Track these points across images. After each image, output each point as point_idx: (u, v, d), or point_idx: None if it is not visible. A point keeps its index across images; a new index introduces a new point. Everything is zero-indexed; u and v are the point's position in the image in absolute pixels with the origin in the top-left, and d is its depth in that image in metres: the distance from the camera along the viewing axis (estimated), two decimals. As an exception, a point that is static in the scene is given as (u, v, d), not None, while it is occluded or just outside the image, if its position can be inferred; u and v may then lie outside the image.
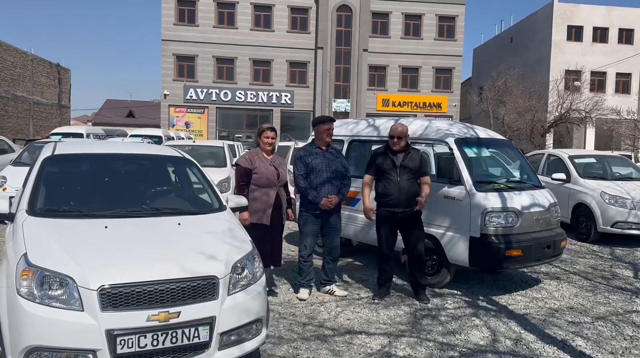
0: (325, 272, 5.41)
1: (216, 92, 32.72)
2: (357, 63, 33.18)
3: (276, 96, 33.31)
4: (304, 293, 5.23)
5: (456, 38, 34.48)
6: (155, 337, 2.89)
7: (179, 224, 3.65)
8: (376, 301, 5.16)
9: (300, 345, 4.04)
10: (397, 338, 4.24)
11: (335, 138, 6.24)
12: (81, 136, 17.99)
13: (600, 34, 34.09)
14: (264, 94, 33.17)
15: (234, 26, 32.70)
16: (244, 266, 3.39)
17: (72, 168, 4.37)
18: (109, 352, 2.80)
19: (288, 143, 13.51)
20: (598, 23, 33.94)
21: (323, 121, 5.32)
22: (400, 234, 5.28)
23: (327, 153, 5.30)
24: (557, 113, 26.51)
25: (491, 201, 5.26)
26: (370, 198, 5.32)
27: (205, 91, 32.62)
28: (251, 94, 33.06)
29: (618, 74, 34.12)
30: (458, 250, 5.37)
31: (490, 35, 69.66)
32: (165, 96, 32.54)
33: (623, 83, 34.52)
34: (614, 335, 4.47)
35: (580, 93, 27.31)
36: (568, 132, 29.20)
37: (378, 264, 5.41)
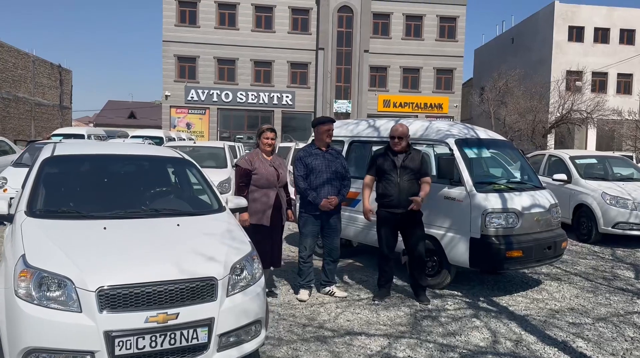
0: (325, 273, 5.40)
1: (217, 93, 32.75)
2: (358, 64, 33.18)
3: (277, 96, 33.34)
4: (304, 294, 5.21)
5: (457, 39, 34.46)
6: (153, 339, 2.88)
7: (178, 225, 3.64)
8: (376, 302, 5.15)
9: (299, 346, 4.03)
10: (397, 339, 4.23)
11: (335, 138, 6.24)
12: (82, 137, 17.99)
13: (601, 35, 34.05)
14: (265, 95, 33.19)
15: (235, 27, 32.74)
16: (243, 268, 3.38)
17: (72, 169, 4.36)
18: (107, 354, 2.79)
19: (289, 144, 13.50)
20: (599, 23, 33.92)
21: (323, 122, 5.30)
22: (400, 235, 5.27)
23: (327, 153, 5.28)
24: (559, 114, 26.51)
25: (492, 202, 5.25)
26: (370, 199, 5.32)
27: (206, 92, 32.65)
28: (252, 95, 33.09)
29: (619, 75, 34.10)
30: (458, 250, 5.36)
31: (491, 35, 69.87)
32: (166, 97, 32.59)
33: (624, 84, 34.49)
34: (615, 336, 4.45)
35: (581, 94, 27.31)
36: (569, 133, 29.17)
37: (378, 265, 5.40)
